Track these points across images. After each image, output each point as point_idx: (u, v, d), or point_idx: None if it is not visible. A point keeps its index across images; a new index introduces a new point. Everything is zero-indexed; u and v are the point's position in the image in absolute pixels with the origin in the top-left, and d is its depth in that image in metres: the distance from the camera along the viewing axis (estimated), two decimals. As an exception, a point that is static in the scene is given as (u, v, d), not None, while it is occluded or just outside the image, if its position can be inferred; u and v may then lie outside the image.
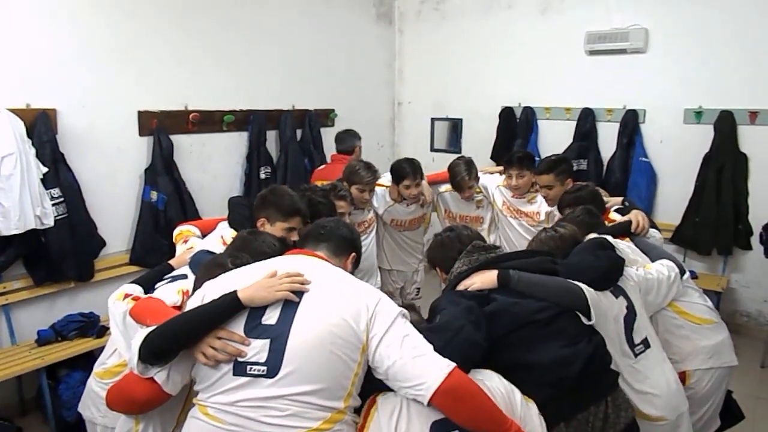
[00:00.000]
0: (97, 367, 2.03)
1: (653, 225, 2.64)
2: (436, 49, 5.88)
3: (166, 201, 3.86)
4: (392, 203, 3.52)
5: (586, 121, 4.99)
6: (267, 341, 1.46)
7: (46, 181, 3.26)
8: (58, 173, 3.35)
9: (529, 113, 5.30)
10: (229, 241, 2.19)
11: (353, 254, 1.85)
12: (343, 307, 1.51)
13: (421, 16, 5.94)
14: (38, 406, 3.39)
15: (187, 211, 3.94)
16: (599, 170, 4.94)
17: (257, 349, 1.46)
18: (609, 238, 2.19)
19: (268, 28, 4.66)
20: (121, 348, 1.92)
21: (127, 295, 1.90)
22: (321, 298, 1.54)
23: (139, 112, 3.83)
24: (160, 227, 3.83)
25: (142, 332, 1.50)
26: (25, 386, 3.44)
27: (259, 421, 1.41)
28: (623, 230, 2.50)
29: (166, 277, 2.09)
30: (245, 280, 1.56)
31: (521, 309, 1.74)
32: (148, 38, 3.82)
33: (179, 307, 1.84)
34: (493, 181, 3.60)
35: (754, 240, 4.46)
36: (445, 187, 3.66)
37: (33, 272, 3.38)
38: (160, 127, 3.90)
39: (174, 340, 1.49)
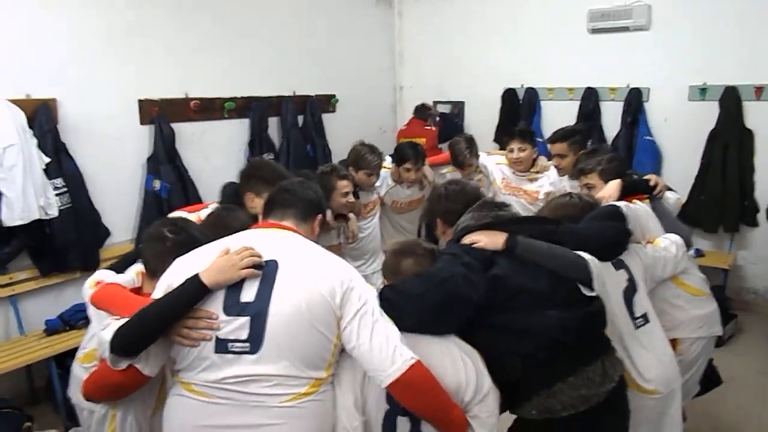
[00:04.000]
0: (79, 352, 2.02)
1: (669, 188, 2.64)
2: (436, 31, 5.82)
3: (170, 189, 3.86)
4: (393, 185, 3.53)
5: (590, 101, 4.95)
6: (247, 318, 1.48)
7: (49, 172, 3.26)
8: (61, 163, 3.36)
9: (532, 94, 5.26)
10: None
11: (319, 216, 1.82)
12: (318, 282, 1.52)
13: (421, -1, 5.89)
14: (48, 394, 3.42)
15: (190, 198, 3.93)
16: (603, 150, 4.90)
17: (238, 327, 1.48)
18: (623, 205, 2.16)
19: (267, 14, 4.63)
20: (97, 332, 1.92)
21: (97, 282, 1.86)
22: (296, 272, 1.54)
23: (140, 101, 3.82)
24: (164, 215, 3.81)
25: (113, 326, 1.51)
26: (35, 376, 3.46)
27: (246, 392, 1.45)
28: (643, 187, 2.47)
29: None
30: (208, 261, 1.55)
31: (520, 279, 1.72)
32: (146, 26, 3.80)
33: (139, 289, 1.84)
34: (492, 159, 3.63)
35: (761, 217, 4.44)
36: (447, 169, 3.68)
37: (39, 263, 3.40)
38: (161, 115, 3.89)
39: (145, 333, 1.49)
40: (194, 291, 1.50)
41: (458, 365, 1.58)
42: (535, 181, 3.44)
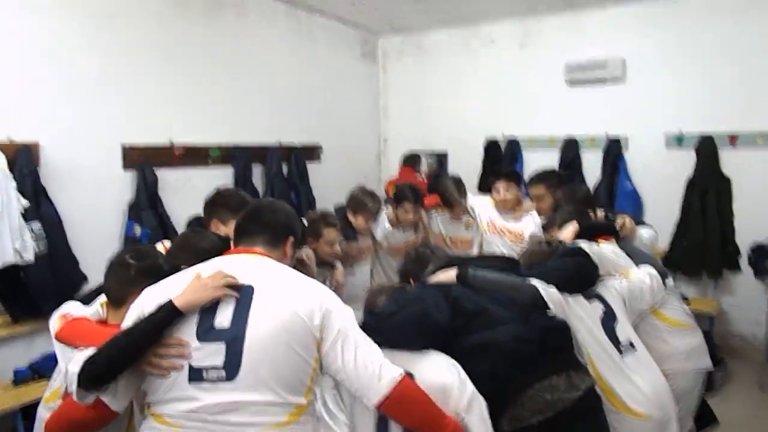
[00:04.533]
0: (46, 392, 1.90)
1: (643, 223, 2.68)
2: (419, 85, 5.99)
3: (150, 235, 3.79)
4: (390, 229, 3.53)
5: (570, 150, 5.06)
6: (222, 344, 1.42)
7: (27, 215, 3.19)
8: (40, 207, 3.29)
9: (514, 144, 5.37)
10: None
11: (291, 238, 1.75)
12: (295, 304, 1.48)
13: (404, 54, 6.08)
14: (13, 451, 3.22)
15: (172, 245, 3.87)
16: (585, 198, 4.96)
17: (213, 353, 1.42)
18: (585, 245, 2.26)
19: (254, 64, 4.73)
20: (62, 365, 1.81)
21: (63, 316, 1.79)
22: (272, 296, 1.50)
23: (124, 146, 3.81)
24: (143, 262, 3.75)
25: (80, 357, 1.44)
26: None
27: (224, 422, 1.38)
28: (608, 228, 2.59)
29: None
30: (180, 287, 1.50)
31: (476, 301, 1.83)
32: (133, 72, 3.83)
33: (105, 321, 1.78)
34: (479, 200, 3.66)
35: (742, 262, 4.47)
36: (436, 211, 3.69)
37: (10, 308, 3.28)
38: (145, 161, 3.88)
39: (115, 362, 1.42)
40: (165, 315, 1.44)
41: (441, 369, 1.62)
42: (519, 221, 3.45)
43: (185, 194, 4.21)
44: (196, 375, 1.41)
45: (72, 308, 1.83)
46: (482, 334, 1.73)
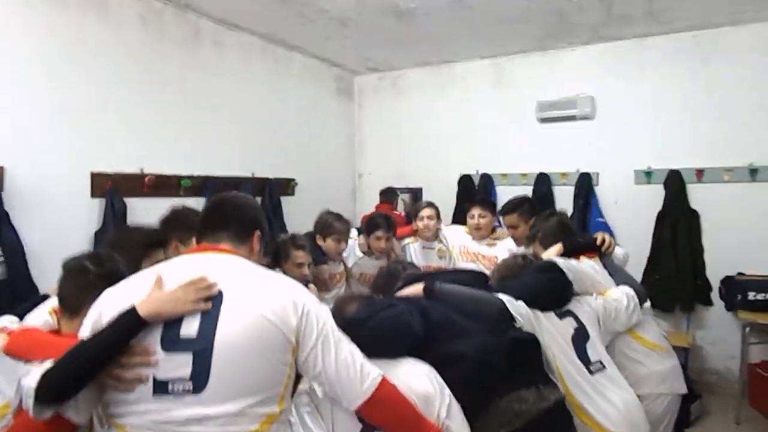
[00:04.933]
0: None
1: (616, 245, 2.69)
2: (394, 122, 6.07)
3: (117, 265, 3.69)
4: (362, 256, 3.51)
5: (542, 185, 5.13)
6: (189, 355, 1.33)
7: (-14, 241, 3.10)
8: (0, 232, 3.19)
9: (487, 180, 5.43)
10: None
11: (257, 232, 1.64)
12: (267, 309, 1.39)
13: (380, 91, 6.17)
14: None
15: (139, 275, 3.77)
16: (558, 232, 5.00)
17: (179, 364, 1.32)
18: (561, 261, 2.25)
19: (229, 96, 4.73)
20: (3, 387, 1.68)
21: (1, 329, 1.67)
22: (242, 301, 1.40)
23: (92, 174, 3.73)
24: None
25: (37, 371, 1.33)
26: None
27: None
28: (590, 245, 2.57)
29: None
30: (142, 291, 1.40)
31: (444, 312, 1.83)
32: (104, 100, 3.79)
33: (57, 331, 1.68)
34: (452, 229, 3.69)
35: (714, 296, 4.51)
36: (409, 239, 3.71)
37: (-36, 339, 3.12)
38: (114, 189, 3.80)
39: (77, 376, 1.32)
40: (129, 324, 1.34)
41: (422, 377, 1.59)
42: (493, 247, 3.45)
43: (155, 224, 4.12)
44: (161, 388, 1.31)
45: (8, 321, 1.73)
46: (450, 345, 1.71)
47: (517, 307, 1.91)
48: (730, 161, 4.46)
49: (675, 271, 4.54)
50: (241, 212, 1.63)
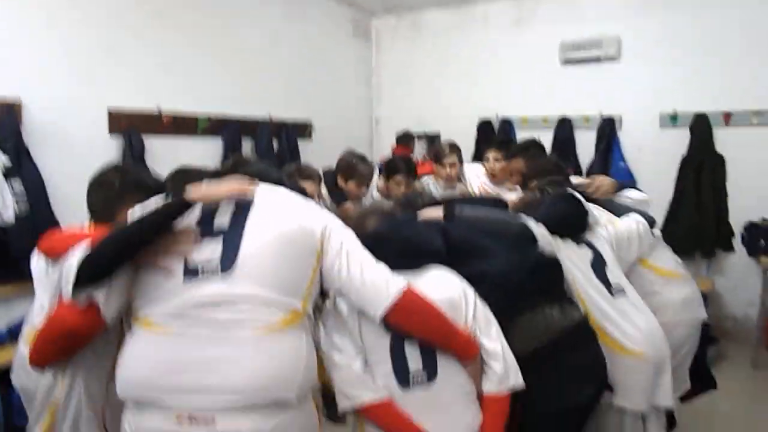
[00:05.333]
0: (25, 328, 1.83)
1: (635, 188, 2.61)
2: (412, 65, 5.93)
3: (137, 203, 3.70)
4: (379, 198, 3.43)
5: (564, 130, 5.02)
6: (220, 239, 1.38)
7: (8, 174, 3.10)
8: (22, 167, 3.19)
9: (507, 124, 5.31)
10: None
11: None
12: (296, 214, 1.49)
13: (398, 33, 6.01)
14: (-12, 417, 3.11)
15: (158, 213, 3.79)
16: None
17: (210, 248, 1.37)
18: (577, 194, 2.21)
19: (244, 36, 4.64)
20: (45, 303, 1.70)
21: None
22: (273, 205, 1.50)
23: (110, 111, 3.71)
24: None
25: (80, 251, 1.35)
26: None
27: (213, 319, 1.30)
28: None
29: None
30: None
31: (466, 233, 1.79)
32: (122, 35, 3.74)
33: None
34: (473, 169, 3.59)
35: (736, 242, 4.45)
36: (427, 178, 3.61)
37: (-11, 270, 3.18)
38: (132, 127, 3.78)
39: (121, 250, 1.34)
40: (175, 205, 1.39)
41: (446, 283, 1.58)
42: (513, 191, 3.36)
43: (173, 163, 4.09)
44: (190, 271, 1.35)
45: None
46: (473, 264, 1.68)
47: (539, 230, 1.88)
48: (759, 104, 4.31)
49: (697, 217, 4.46)
50: (270, 172, 1.72)
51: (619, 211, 2.36)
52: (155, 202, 1.47)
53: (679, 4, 4.55)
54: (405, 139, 5.43)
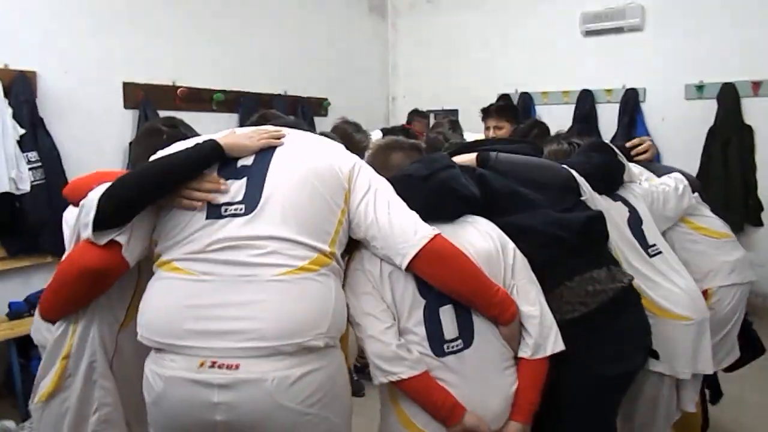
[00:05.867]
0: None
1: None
2: (429, 41, 5.82)
3: (153, 176, 3.67)
4: None
5: (585, 103, 4.90)
6: (244, 180, 1.32)
7: (23, 144, 3.09)
8: (37, 137, 3.19)
9: (527, 99, 5.21)
10: None
11: None
12: (324, 153, 1.42)
13: (414, 8, 5.91)
14: (7, 387, 3.11)
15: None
16: (601, 152, 4.81)
17: (234, 190, 1.31)
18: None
19: (261, 12, 4.60)
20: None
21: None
22: (300, 144, 1.43)
23: (125, 84, 3.68)
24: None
25: (104, 186, 1.28)
26: (-7, 368, 3.16)
27: (236, 261, 1.22)
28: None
29: None
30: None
31: (505, 183, 1.65)
32: (135, 8, 3.71)
33: None
34: (475, 137, 3.45)
35: (765, 216, 4.31)
36: None
37: (7, 243, 3.17)
38: (147, 100, 3.75)
39: (144, 190, 1.27)
40: (208, 150, 1.33)
41: (484, 233, 1.46)
42: None
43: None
44: (214, 213, 1.29)
45: None
46: (515, 217, 1.55)
47: (584, 185, 1.71)
48: (790, 72, 4.17)
49: (724, 191, 4.32)
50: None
51: (659, 171, 2.23)
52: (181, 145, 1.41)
53: (706, -30, 4.40)
54: (416, 116, 5.31)
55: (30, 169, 3.10)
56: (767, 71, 4.23)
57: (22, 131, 3.08)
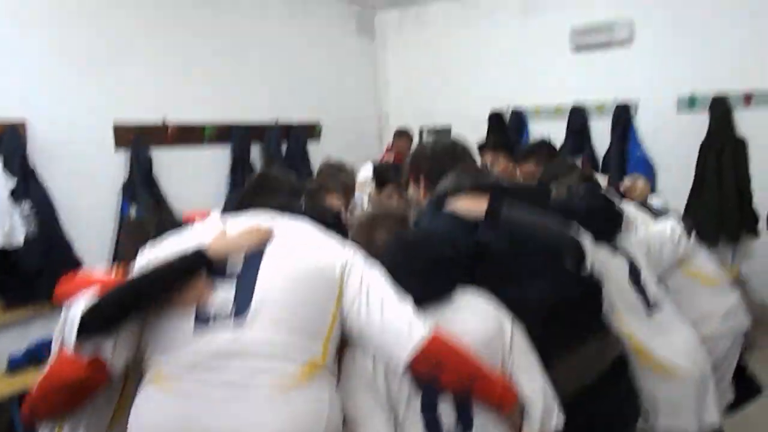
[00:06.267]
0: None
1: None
2: (419, 59, 5.81)
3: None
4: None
5: (577, 118, 4.89)
6: (233, 281, 1.31)
7: (16, 197, 3.08)
8: (29, 188, 3.17)
9: (519, 115, 5.20)
10: None
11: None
12: (314, 253, 1.40)
13: (403, 27, 5.89)
14: (10, 441, 3.10)
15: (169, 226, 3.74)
16: (595, 166, 4.80)
17: (222, 294, 1.29)
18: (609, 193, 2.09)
19: (247, 40, 4.58)
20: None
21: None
22: (291, 242, 1.41)
23: (115, 126, 3.67)
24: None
25: (86, 299, 1.28)
26: (-5, 423, 3.15)
27: (225, 383, 1.21)
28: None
29: None
30: (194, 243, 1.37)
31: (506, 246, 1.56)
32: (123, 47, 3.70)
33: None
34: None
35: (761, 226, 4.30)
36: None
37: (3, 294, 3.16)
38: (138, 140, 3.74)
39: (131, 303, 1.27)
40: (196, 259, 1.32)
41: (480, 312, 1.42)
42: None
43: (180, 173, 4.07)
44: (202, 318, 1.27)
45: None
46: (510, 288, 1.50)
47: (588, 245, 1.66)
48: (781, 83, 4.17)
49: (719, 202, 4.33)
50: (287, 187, 1.67)
51: (655, 214, 2.23)
52: (168, 244, 1.41)
53: (693, -19, 4.40)
54: (398, 137, 5.21)
55: (23, 221, 3.09)
56: (759, 82, 4.22)
57: (13, 184, 3.08)
